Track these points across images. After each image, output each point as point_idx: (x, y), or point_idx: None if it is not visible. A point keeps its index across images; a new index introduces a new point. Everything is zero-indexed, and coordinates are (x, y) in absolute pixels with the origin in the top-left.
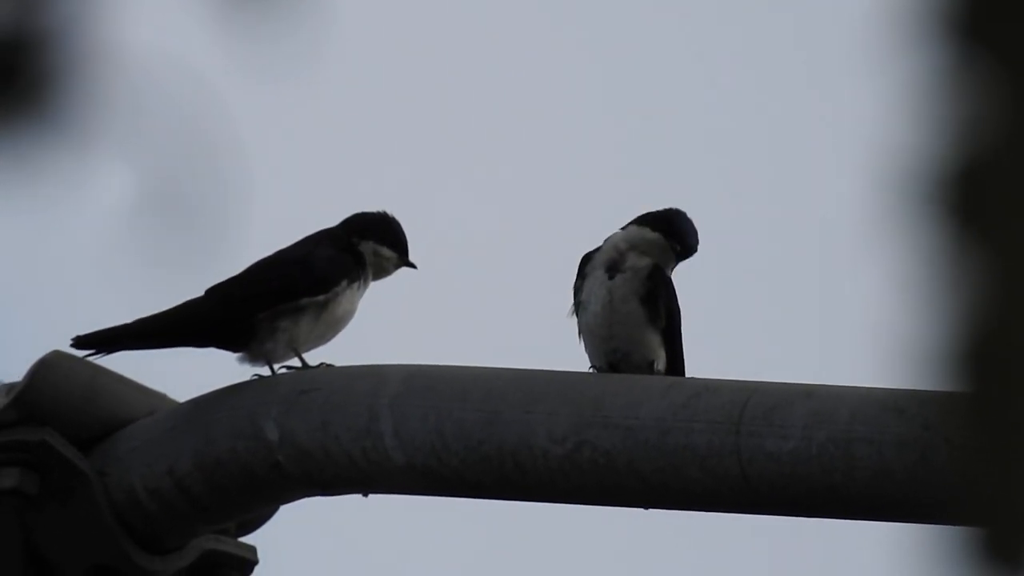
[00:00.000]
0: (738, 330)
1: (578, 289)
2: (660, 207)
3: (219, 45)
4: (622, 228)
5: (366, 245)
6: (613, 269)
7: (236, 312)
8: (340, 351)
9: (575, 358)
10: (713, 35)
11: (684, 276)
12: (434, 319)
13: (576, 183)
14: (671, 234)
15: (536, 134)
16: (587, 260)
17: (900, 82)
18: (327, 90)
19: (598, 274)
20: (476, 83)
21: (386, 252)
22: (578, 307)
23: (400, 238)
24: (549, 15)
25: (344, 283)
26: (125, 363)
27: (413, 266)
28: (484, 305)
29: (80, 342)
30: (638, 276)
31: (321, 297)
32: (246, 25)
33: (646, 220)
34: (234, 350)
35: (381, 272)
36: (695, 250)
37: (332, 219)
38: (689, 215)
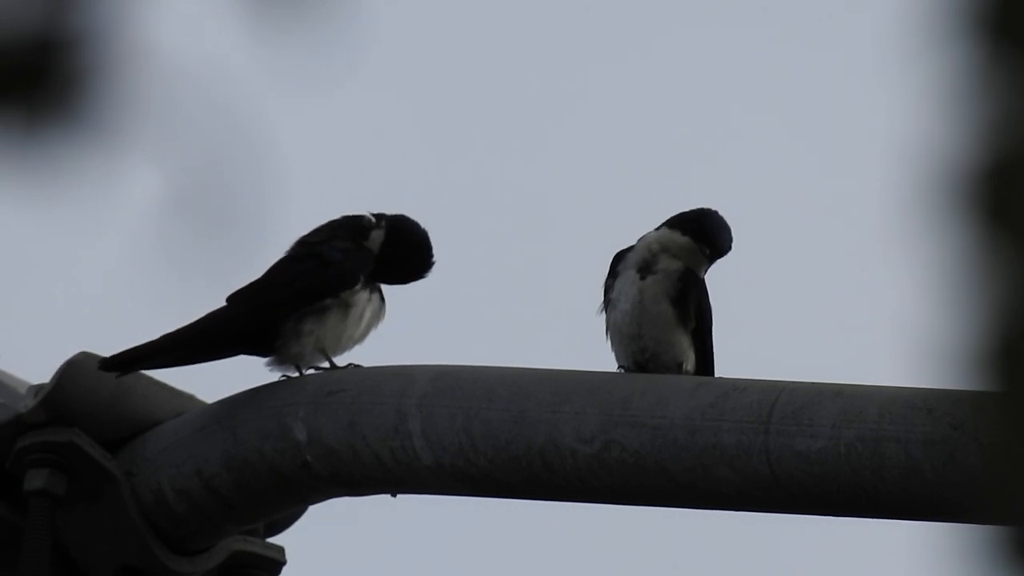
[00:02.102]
0: (767, 329)
1: (608, 287)
2: (694, 207)
3: (252, 48)
4: (655, 228)
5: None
6: (645, 270)
7: (261, 318)
8: (367, 352)
9: (602, 358)
10: (743, 33)
11: (713, 275)
12: (461, 319)
13: (606, 181)
14: (701, 238)
15: (567, 132)
16: (619, 258)
17: (930, 80)
18: (360, 92)
19: (630, 273)
20: (506, 84)
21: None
22: (607, 305)
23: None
24: (582, 15)
25: (361, 276)
26: None
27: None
28: (511, 304)
29: (107, 364)
30: (670, 278)
31: (344, 294)
32: (280, 28)
33: (678, 222)
34: (262, 355)
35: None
36: (727, 251)
37: None
38: (721, 215)
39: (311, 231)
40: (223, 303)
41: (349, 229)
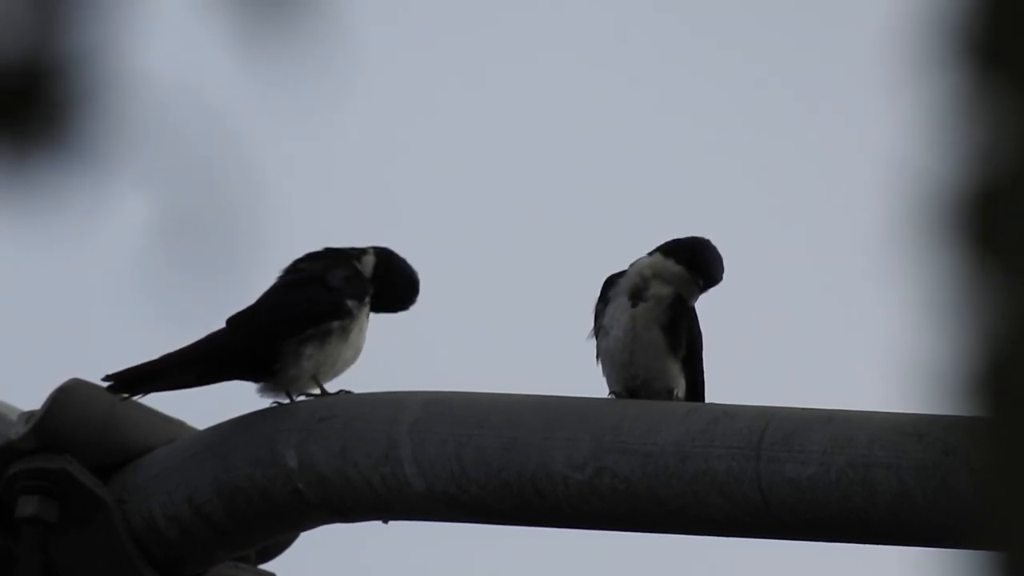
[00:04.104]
0: (757, 355)
1: (599, 313)
2: (686, 235)
3: (241, 73)
4: (648, 254)
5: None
6: (636, 296)
7: (264, 340)
8: (358, 378)
9: (593, 383)
10: (734, 58)
11: (704, 300)
12: (452, 345)
13: (597, 206)
14: (695, 267)
15: (557, 157)
16: (610, 284)
17: (919, 105)
18: (347, 119)
19: (621, 300)
20: (497, 106)
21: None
22: (598, 331)
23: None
24: (568, 36)
25: (366, 299)
26: None
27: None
28: (502, 330)
29: (114, 379)
30: (661, 305)
31: (348, 318)
32: (268, 54)
33: (671, 250)
34: (257, 380)
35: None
36: (719, 281)
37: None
38: (713, 244)
39: (305, 256)
40: (223, 325)
41: (342, 257)
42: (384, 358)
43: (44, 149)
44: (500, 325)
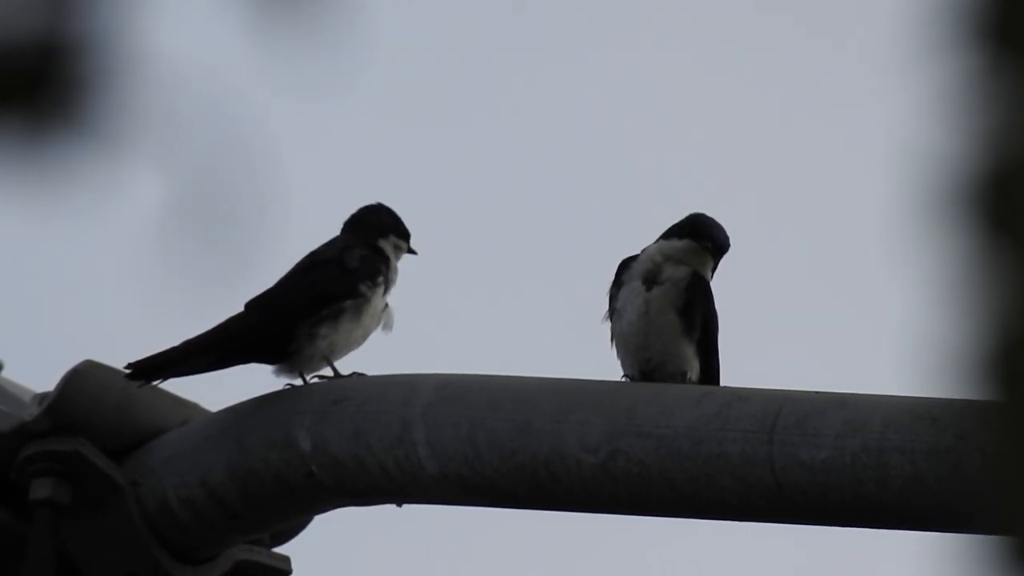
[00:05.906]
0: (771, 339)
1: (613, 296)
2: (682, 217)
3: (253, 55)
4: (654, 242)
5: (386, 242)
6: (650, 281)
7: (282, 322)
8: (372, 360)
9: (607, 366)
10: (746, 42)
11: (718, 284)
12: (466, 328)
13: (611, 189)
14: (698, 236)
15: (572, 142)
16: (624, 267)
17: (932, 87)
18: (361, 102)
19: (635, 284)
20: (509, 91)
21: (402, 244)
22: (612, 314)
23: (405, 228)
24: (577, 27)
25: (380, 280)
26: None
27: (414, 252)
28: (515, 313)
29: (134, 368)
30: (676, 287)
31: (361, 298)
32: (281, 36)
33: (673, 231)
34: (273, 362)
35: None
36: (726, 245)
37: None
38: (711, 216)
39: (324, 244)
40: (240, 309)
41: (360, 239)
42: (397, 341)
43: (59, 129)
44: (513, 308)
